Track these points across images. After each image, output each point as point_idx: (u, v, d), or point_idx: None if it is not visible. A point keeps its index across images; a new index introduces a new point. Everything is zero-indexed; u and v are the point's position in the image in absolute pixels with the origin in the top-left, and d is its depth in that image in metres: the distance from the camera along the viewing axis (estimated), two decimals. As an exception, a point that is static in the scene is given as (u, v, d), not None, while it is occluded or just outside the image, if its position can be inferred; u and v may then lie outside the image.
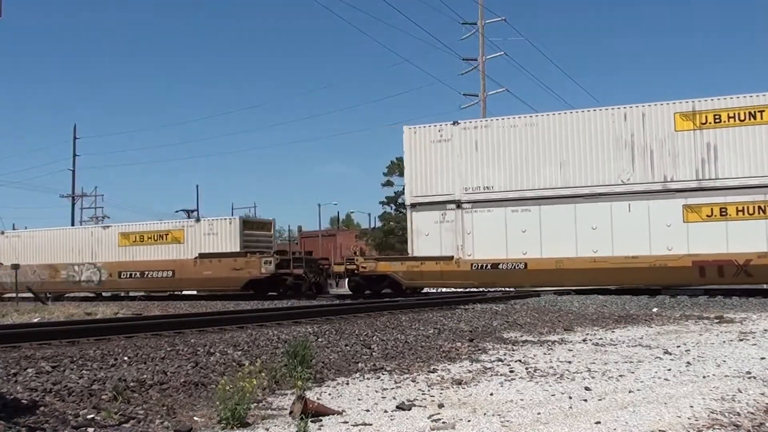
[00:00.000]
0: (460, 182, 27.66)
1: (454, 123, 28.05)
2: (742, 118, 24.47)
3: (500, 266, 27.02)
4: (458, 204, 27.66)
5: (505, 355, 10.72)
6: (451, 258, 27.71)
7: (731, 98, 24.75)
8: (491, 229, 27.06)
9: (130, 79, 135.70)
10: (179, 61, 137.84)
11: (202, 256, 33.90)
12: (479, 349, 11.38)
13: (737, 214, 24.45)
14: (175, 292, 36.28)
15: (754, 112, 24.35)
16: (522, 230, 26.61)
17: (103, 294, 37.02)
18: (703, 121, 24.92)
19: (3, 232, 39.94)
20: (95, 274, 36.86)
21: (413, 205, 28.47)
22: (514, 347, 11.71)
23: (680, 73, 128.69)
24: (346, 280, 32.20)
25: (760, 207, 24.27)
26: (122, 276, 35.81)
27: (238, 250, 33.46)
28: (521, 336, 13.50)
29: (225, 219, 35.60)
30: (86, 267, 37.07)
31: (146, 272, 35.32)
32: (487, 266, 27.26)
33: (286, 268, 32.51)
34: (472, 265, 27.41)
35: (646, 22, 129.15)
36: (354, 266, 29.83)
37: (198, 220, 35.37)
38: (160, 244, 35.65)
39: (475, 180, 27.49)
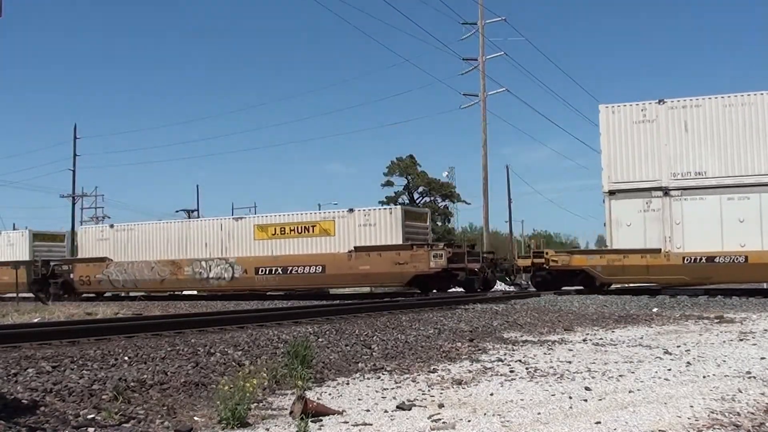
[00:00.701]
0: (667, 167, 25.42)
1: (660, 101, 25.62)
2: None
3: (716, 260, 24.61)
4: (665, 191, 25.42)
5: (505, 355, 10.72)
6: (658, 251, 25.36)
7: None
8: (704, 218, 24.80)
9: (130, 79, 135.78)
10: (179, 61, 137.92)
11: (357, 249, 30.20)
12: (479, 349, 11.38)
13: None
14: (176, 292, 36.04)
15: None
16: (740, 220, 24.47)
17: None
18: None
19: (113, 226, 36.74)
20: (226, 270, 32.97)
21: (611, 192, 25.96)
22: (515, 347, 11.72)
23: (681, 74, 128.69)
24: (530, 275, 29.28)
25: None
26: (260, 272, 32.00)
27: (400, 242, 29.78)
28: (521, 336, 13.51)
29: (384, 209, 32.23)
30: (216, 263, 33.13)
31: (290, 268, 31.43)
32: (701, 260, 24.87)
33: (458, 262, 29.23)
34: (684, 258, 25.06)
35: (646, 22, 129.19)
36: (542, 260, 27.70)
37: (351, 210, 31.25)
38: (305, 237, 31.58)
39: (685, 165, 25.29)
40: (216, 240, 33.51)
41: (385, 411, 6.73)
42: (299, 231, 31.90)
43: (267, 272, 31.99)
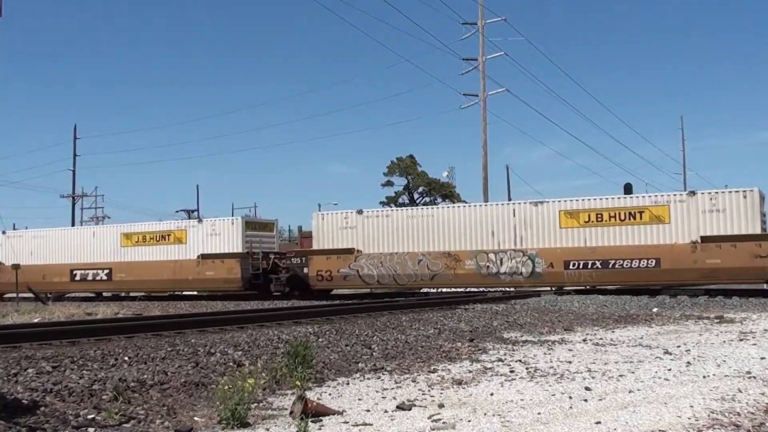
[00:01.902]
0: None
1: None
2: None
3: None
4: None
5: (505, 355, 10.72)
6: None
7: None
8: None
9: (131, 79, 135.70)
10: (179, 61, 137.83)
11: (704, 240, 25.39)
12: (479, 349, 11.38)
13: None
14: (177, 293, 35.95)
15: None
16: None
17: (103, 294, 35.96)
18: None
19: (361, 212, 30.71)
20: (524, 264, 27.83)
21: None
22: (515, 347, 11.71)
23: (681, 74, 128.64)
24: None
25: None
26: (571, 267, 26.91)
27: (758, 231, 24.94)
28: (521, 336, 13.50)
29: (737, 191, 25.91)
30: (509, 255, 28.05)
31: (612, 262, 26.39)
32: None
33: None
34: None
35: (647, 22, 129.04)
36: None
37: (692, 193, 26.21)
38: (627, 225, 26.57)
39: None
40: (507, 228, 28.25)
41: (385, 411, 6.73)
42: (621, 218, 26.79)
43: (579, 266, 26.90)
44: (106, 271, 35.12)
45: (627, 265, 26.20)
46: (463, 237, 28.60)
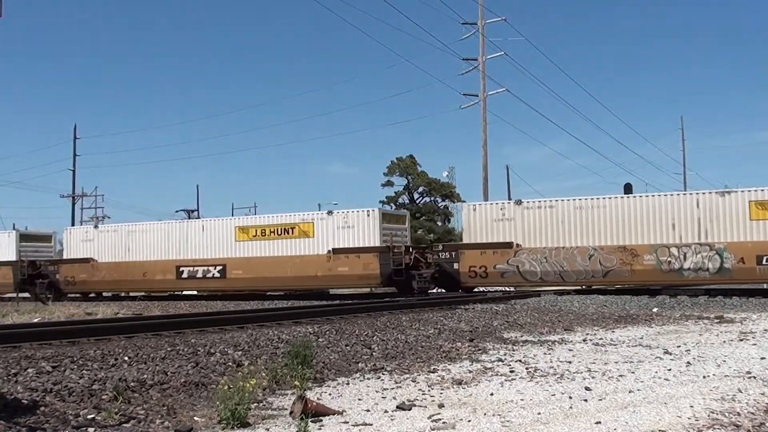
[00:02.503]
0: None
1: None
2: None
3: None
4: None
5: (505, 355, 10.72)
6: None
7: None
8: None
9: (130, 79, 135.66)
10: (179, 61, 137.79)
11: None
12: (479, 349, 11.38)
13: None
14: (175, 292, 35.77)
15: None
16: None
17: (103, 294, 35.66)
18: None
19: (520, 202, 28.59)
20: (710, 259, 25.54)
21: None
22: (515, 347, 11.71)
23: (681, 74, 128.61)
24: None
25: None
26: (764, 262, 24.58)
27: None
28: (521, 336, 13.50)
29: None
30: (693, 249, 25.58)
31: None
32: None
33: None
34: None
35: (647, 22, 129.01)
36: None
37: None
38: None
39: None
40: (690, 220, 26.08)
41: (385, 411, 6.73)
42: None
43: None
44: (219, 268, 31.84)
45: None
46: (639, 229, 26.38)
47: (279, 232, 31.04)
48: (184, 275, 32.72)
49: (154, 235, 33.86)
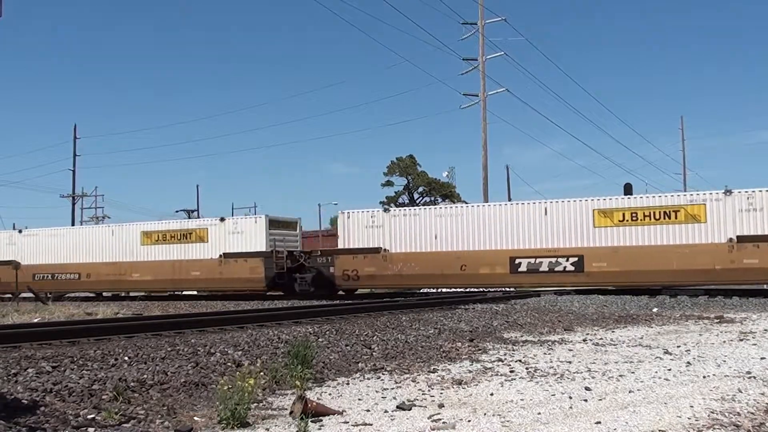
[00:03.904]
0: None
1: None
2: None
3: None
4: None
5: (505, 355, 10.72)
6: None
7: None
8: None
9: (130, 79, 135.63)
10: (179, 61, 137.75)
11: None
12: (479, 349, 11.38)
13: None
14: (175, 292, 35.86)
15: None
16: None
17: (104, 294, 35.93)
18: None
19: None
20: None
21: None
22: (515, 347, 11.71)
23: (681, 74, 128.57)
24: None
25: None
26: None
27: None
28: (521, 336, 13.50)
29: None
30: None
31: None
32: None
33: None
34: None
35: (647, 22, 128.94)
36: None
37: None
38: None
39: None
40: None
41: (385, 411, 6.73)
42: None
43: None
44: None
45: None
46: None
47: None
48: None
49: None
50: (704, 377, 8.37)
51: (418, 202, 65.69)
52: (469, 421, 6.23)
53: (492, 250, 27.64)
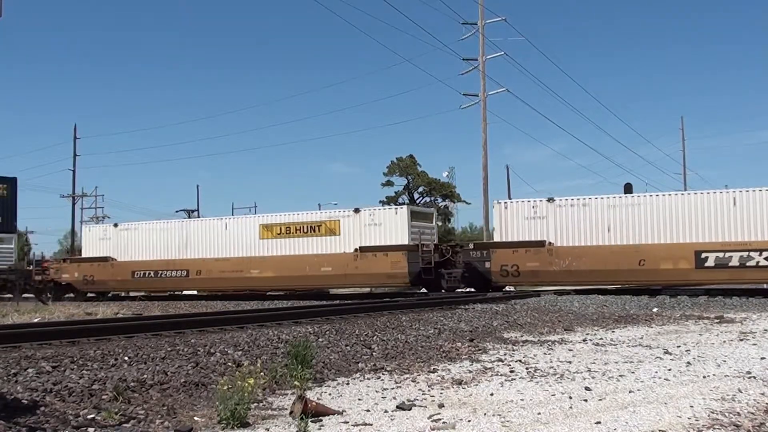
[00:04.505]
0: None
1: None
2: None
3: None
4: None
5: (505, 355, 10.72)
6: None
7: None
8: None
9: (130, 79, 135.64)
10: (179, 61, 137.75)
11: None
12: (479, 349, 11.38)
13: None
14: (175, 292, 35.78)
15: None
16: None
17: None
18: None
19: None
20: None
21: None
22: (515, 347, 11.71)
23: (681, 74, 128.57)
24: None
25: None
26: None
27: None
28: (521, 336, 13.50)
29: None
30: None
31: None
32: None
33: None
34: None
35: (647, 22, 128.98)
36: None
37: None
38: None
39: None
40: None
41: (385, 411, 6.73)
42: None
43: None
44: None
45: None
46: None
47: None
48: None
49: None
50: (704, 377, 8.37)
51: (418, 202, 65.66)
52: (469, 421, 6.23)
53: (675, 243, 25.40)
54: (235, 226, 32.29)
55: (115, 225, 35.42)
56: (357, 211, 29.92)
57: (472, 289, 28.02)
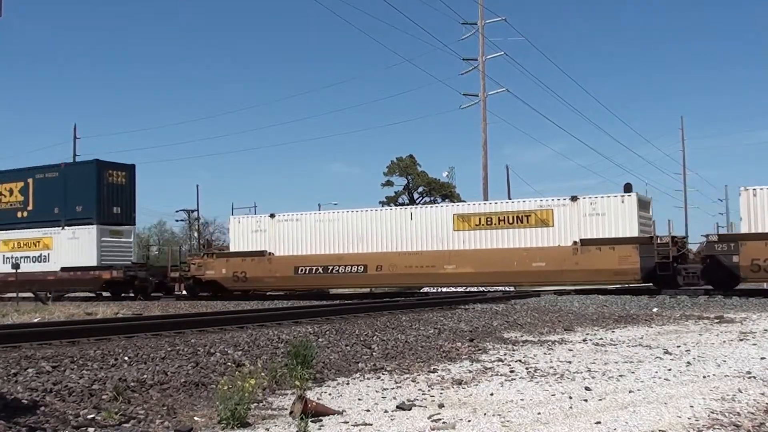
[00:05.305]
0: None
1: None
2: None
3: None
4: None
5: (505, 355, 10.72)
6: None
7: None
8: None
9: (130, 79, 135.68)
10: (179, 61, 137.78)
11: None
12: (479, 349, 11.37)
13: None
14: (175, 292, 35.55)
15: None
16: None
17: (103, 294, 35.10)
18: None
19: None
20: None
21: None
22: (515, 347, 11.71)
23: (681, 74, 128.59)
24: None
25: None
26: None
27: None
28: (521, 336, 13.50)
29: None
30: None
31: None
32: None
33: None
34: None
35: (647, 22, 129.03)
36: None
37: None
38: None
39: None
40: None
41: (385, 411, 6.73)
42: None
43: None
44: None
45: None
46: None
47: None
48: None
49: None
50: (704, 377, 8.37)
51: (418, 202, 65.68)
52: (469, 421, 6.23)
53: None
54: (423, 216, 29.15)
55: (272, 215, 31.80)
56: (574, 199, 26.80)
57: (711, 287, 25.37)
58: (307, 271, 30.14)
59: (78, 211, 33.84)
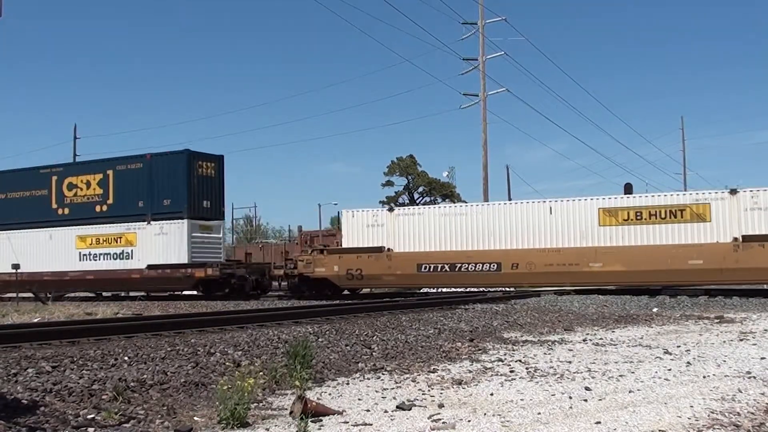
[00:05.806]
0: None
1: None
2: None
3: None
4: None
5: (505, 355, 10.72)
6: None
7: None
8: None
9: (131, 79, 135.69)
10: (179, 61, 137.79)
11: None
12: (479, 349, 11.38)
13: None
14: (175, 292, 35.45)
15: None
16: None
17: (103, 294, 34.80)
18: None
19: None
20: None
21: None
22: (515, 347, 11.71)
23: (681, 74, 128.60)
24: None
25: None
26: None
27: None
28: (521, 336, 13.50)
29: None
30: None
31: None
32: None
33: None
34: None
35: (647, 22, 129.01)
36: None
37: None
38: None
39: None
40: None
41: (385, 411, 6.73)
42: None
43: None
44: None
45: None
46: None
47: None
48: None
49: None
50: (704, 377, 8.37)
51: (418, 202, 65.71)
52: (469, 421, 6.23)
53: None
54: (564, 210, 26.93)
55: (390, 209, 30.32)
56: (733, 192, 24.96)
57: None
58: (432, 269, 28.08)
59: (165, 204, 31.12)
